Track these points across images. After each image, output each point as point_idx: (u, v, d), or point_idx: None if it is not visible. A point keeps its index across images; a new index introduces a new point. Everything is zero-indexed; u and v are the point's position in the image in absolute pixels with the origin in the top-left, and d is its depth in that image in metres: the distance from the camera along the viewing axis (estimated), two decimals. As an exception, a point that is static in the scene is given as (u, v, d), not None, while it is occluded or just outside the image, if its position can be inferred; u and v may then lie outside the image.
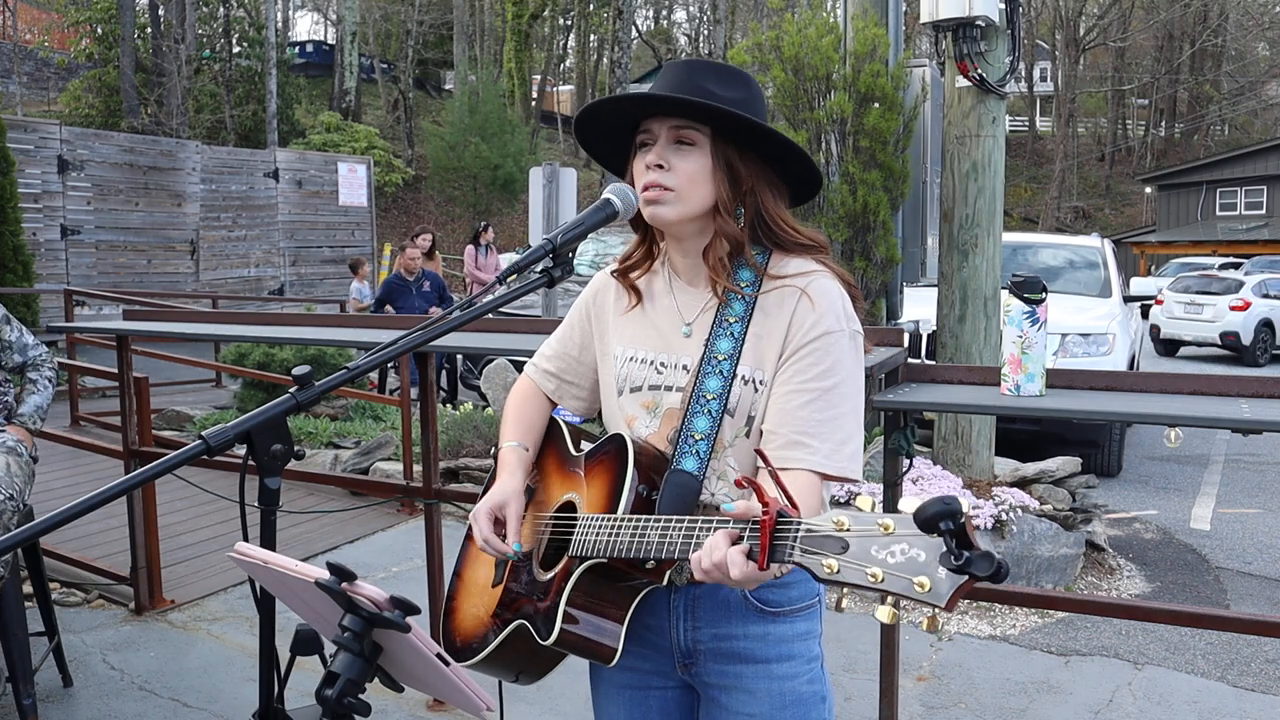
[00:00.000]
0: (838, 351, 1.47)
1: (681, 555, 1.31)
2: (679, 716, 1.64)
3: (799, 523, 1.14)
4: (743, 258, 1.53)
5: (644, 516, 1.39)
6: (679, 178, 1.48)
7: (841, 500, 4.06)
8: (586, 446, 1.61)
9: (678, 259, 1.60)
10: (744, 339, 1.50)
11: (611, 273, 1.67)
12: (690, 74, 1.50)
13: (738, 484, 1.43)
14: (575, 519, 1.51)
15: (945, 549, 1.00)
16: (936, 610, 1.02)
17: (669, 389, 1.55)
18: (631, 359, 1.60)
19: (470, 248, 12.01)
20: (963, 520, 1.00)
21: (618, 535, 1.40)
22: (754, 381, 1.50)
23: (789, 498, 1.18)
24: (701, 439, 1.49)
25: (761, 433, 1.49)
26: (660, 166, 1.49)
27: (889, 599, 1.05)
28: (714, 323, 1.53)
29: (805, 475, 1.43)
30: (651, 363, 1.58)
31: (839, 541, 1.09)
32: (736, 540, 1.21)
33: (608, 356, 1.65)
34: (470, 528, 1.73)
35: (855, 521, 1.08)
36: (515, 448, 1.65)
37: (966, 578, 1.00)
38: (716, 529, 1.26)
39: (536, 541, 1.59)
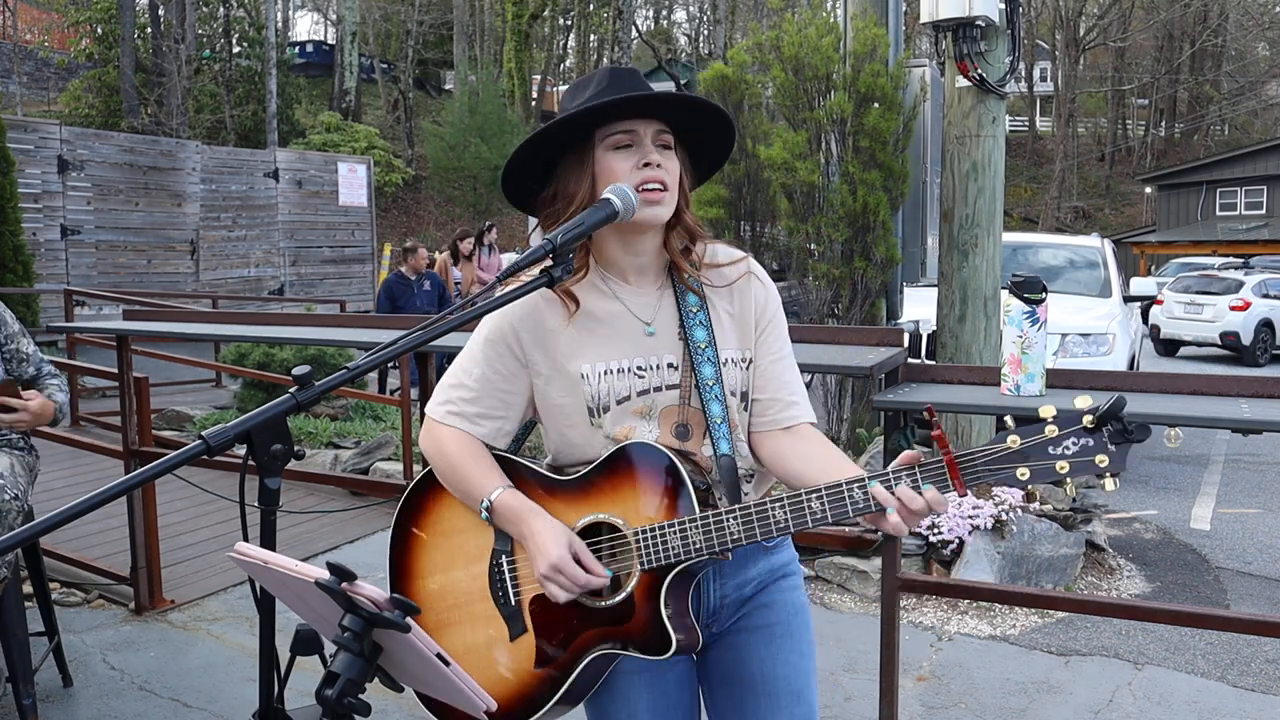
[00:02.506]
0: (783, 318, 1.72)
1: (837, 520, 1.44)
2: (690, 687, 1.69)
3: (980, 452, 1.38)
4: (691, 254, 1.65)
5: (754, 504, 1.47)
6: (670, 176, 1.58)
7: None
8: (580, 470, 1.57)
9: (624, 259, 1.61)
10: (713, 325, 1.62)
11: (548, 292, 1.56)
12: (631, 81, 1.59)
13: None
14: (613, 538, 1.51)
15: (1120, 431, 1.33)
16: (1116, 475, 1.34)
17: (659, 389, 1.58)
18: (607, 372, 1.57)
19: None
20: (1122, 410, 1.33)
21: (722, 530, 1.46)
22: (743, 362, 1.64)
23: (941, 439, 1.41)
24: (722, 422, 1.58)
25: (755, 402, 1.64)
26: (660, 165, 1.56)
27: (1070, 480, 1.36)
28: (680, 316, 1.61)
29: (809, 427, 1.65)
30: (629, 370, 1.58)
31: (1018, 455, 1.36)
32: (915, 486, 1.41)
33: (565, 377, 1.58)
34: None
35: (1026, 435, 1.36)
36: (511, 491, 1.56)
37: (1130, 444, 1.33)
38: (871, 484, 1.42)
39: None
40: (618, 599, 1.50)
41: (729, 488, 1.55)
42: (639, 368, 1.58)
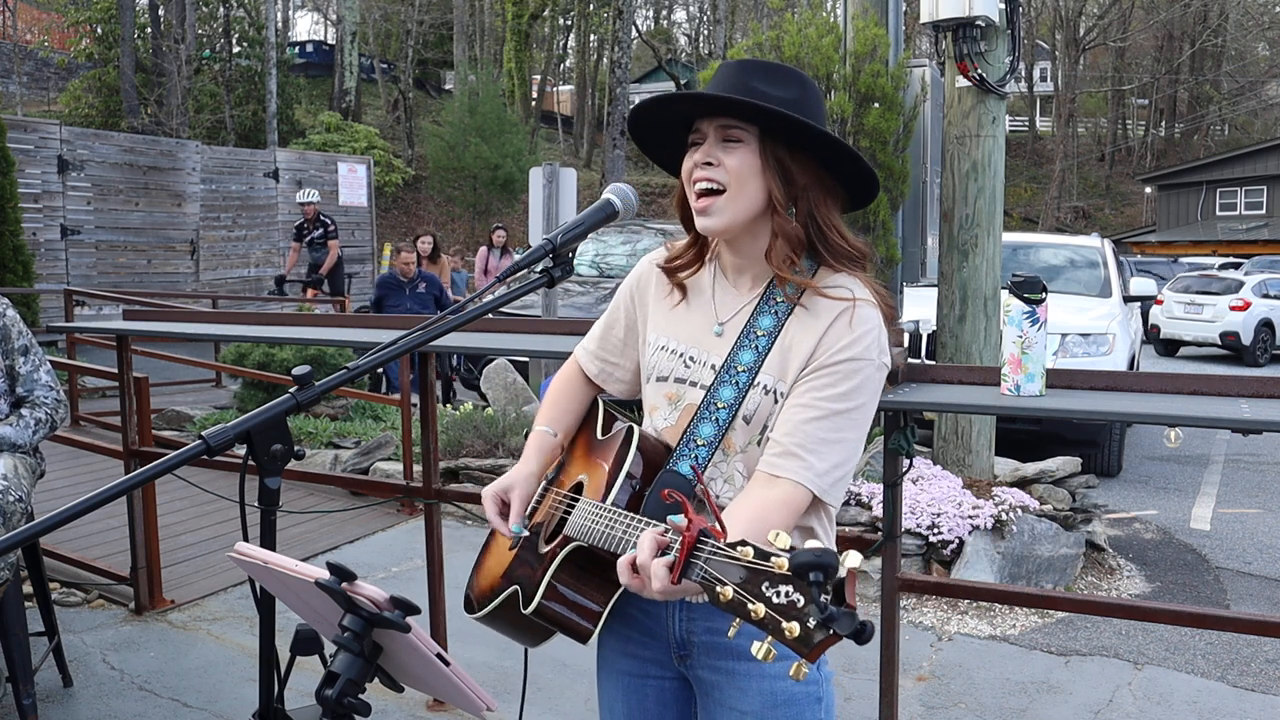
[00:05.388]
0: (860, 379, 1.47)
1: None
2: (676, 709, 1.64)
3: (713, 544, 1.13)
4: (795, 267, 1.51)
5: (620, 511, 1.43)
6: (728, 174, 1.49)
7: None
8: (620, 424, 1.63)
9: (726, 257, 1.60)
10: (768, 352, 1.51)
11: (659, 265, 1.67)
12: (741, 74, 1.51)
13: (663, 496, 1.45)
14: (574, 496, 1.56)
15: (814, 602, 1.00)
16: (800, 660, 1.01)
17: (693, 384, 1.56)
18: (662, 348, 1.61)
19: (483, 249, 12.36)
20: (840, 576, 1.00)
21: (597, 523, 1.44)
22: (775, 392, 1.50)
23: (718, 519, 1.18)
24: (703, 445, 1.51)
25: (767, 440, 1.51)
26: (709, 164, 1.50)
27: (767, 637, 1.04)
28: (741, 332, 1.53)
29: (789, 487, 1.43)
30: (681, 355, 1.59)
31: (740, 569, 1.08)
32: (664, 549, 1.21)
33: (644, 343, 1.67)
34: None
35: (759, 554, 1.07)
36: (543, 432, 1.68)
37: (832, 634, 0.99)
38: (648, 530, 1.26)
39: (550, 516, 1.61)
40: (546, 549, 1.55)
41: (658, 504, 1.47)
42: (690, 357, 1.58)
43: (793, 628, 1.01)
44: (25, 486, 3.04)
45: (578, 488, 1.60)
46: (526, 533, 1.59)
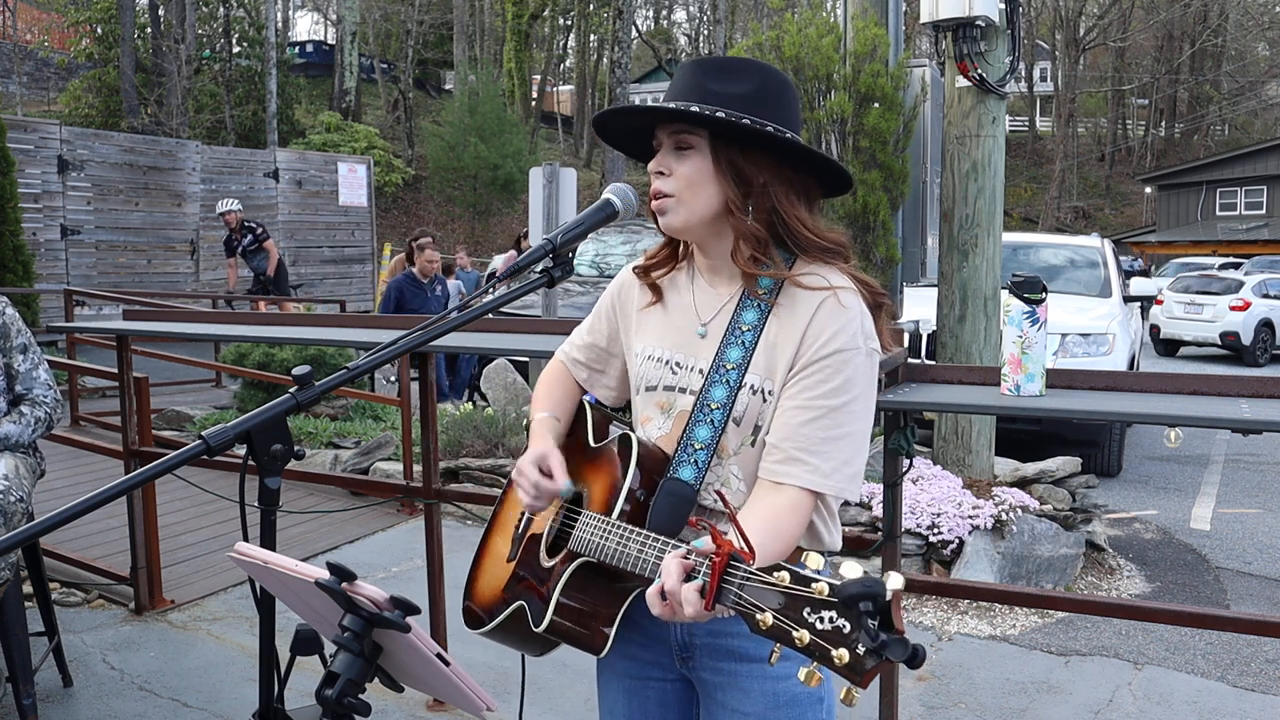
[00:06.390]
0: (850, 370, 1.44)
1: (652, 575, 1.31)
2: (678, 710, 1.64)
3: (746, 569, 1.13)
4: (768, 259, 1.50)
5: (631, 528, 1.42)
6: (677, 182, 1.48)
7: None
8: (615, 431, 1.62)
9: (700, 259, 1.60)
10: (755, 348, 1.49)
11: (634, 269, 1.66)
12: (694, 74, 1.50)
13: (691, 524, 1.43)
14: (580, 512, 1.54)
15: (864, 629, 1.00)
16: (851, 685, 1.02)
17: (683, 391, 1.55)
18: (650, 357, 1.60)
19: (512, 253, 12.52)
20: (886, 601, 1.00)
21: (606, 540, 1.43)
22: (762, 391, 1.48)
23: (746, 541, 1.17)
24: (701, 448, 1.49)
25: (765, 444, 1.48)
26: (661, 173, 1.50)
27: (813, 663, 1.05)
28: (727, 329, 1.52)
29: (796, 493, 1.42)
30: (667, 362, 1.58)
31: (778, 595, 1.07)
32: (690, 572, 1.21)
33: (630, 353, 1.66)
34: (500, 497, 1.75)
35: (796, 580, 1.07)
36: (547, 418, 1.66)
37: (880, 657, 0.99)
38: (669, 550, 1.26)
39: (548, 526, 1.60)
40: (550, 563, 1.54)
41: (665, 513, 1.46)
42: (676, 363, 1.56)
43: (842, 655, 1.01)
44: (26, 487, 3.04)
45: (575, 498, 1.58)
46: (576, 489, 1.56)
